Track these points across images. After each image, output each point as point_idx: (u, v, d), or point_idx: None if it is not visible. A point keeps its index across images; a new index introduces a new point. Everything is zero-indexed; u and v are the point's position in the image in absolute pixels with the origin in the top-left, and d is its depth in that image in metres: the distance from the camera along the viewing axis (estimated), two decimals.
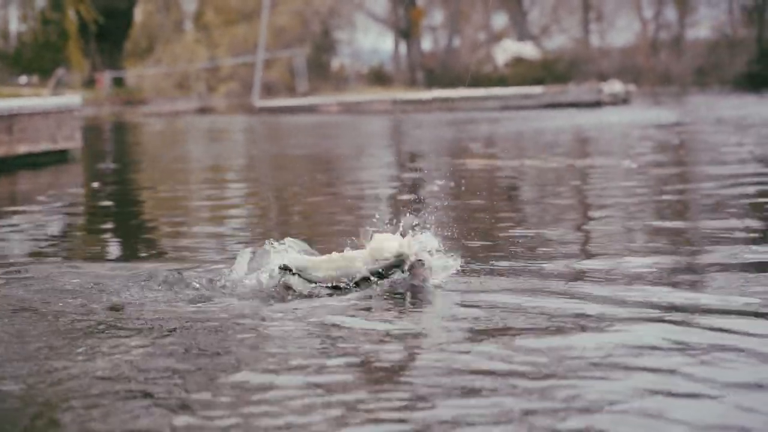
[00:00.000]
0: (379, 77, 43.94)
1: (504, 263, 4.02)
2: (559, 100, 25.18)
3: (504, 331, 2.90)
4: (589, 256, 4.27)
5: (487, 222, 5.47)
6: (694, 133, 14.25)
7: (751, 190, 6.77)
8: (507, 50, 44.24)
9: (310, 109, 27.51)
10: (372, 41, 49.41)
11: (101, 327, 3.06)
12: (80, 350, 2.80)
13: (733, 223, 5.05)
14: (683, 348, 2.68)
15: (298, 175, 9.40)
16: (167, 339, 2.90)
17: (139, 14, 43.32)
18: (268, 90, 36.31)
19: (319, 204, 6.97)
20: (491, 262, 4.02)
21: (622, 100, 26.71)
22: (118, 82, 38.88)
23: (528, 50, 44.30)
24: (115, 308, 3.32)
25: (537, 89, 27.17)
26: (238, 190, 8.14)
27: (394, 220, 3.62)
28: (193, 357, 2.69)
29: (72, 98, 12.59)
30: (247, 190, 8.15)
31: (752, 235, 4.68)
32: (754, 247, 4.26)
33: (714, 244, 4.40)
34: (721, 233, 4.69)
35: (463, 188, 7.43)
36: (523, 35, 45.96)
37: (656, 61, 42.01)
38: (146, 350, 2.78)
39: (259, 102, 30.17)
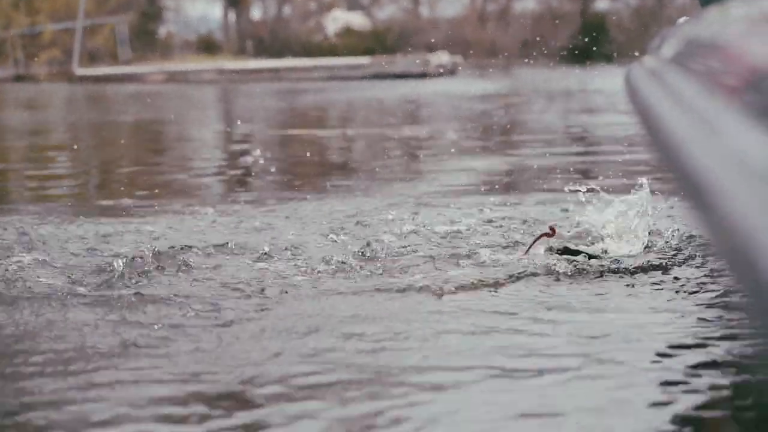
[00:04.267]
0: (207, 46, 43.18)
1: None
2: (387, 71, 25.18)
3: None
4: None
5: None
6: (514, 104, 14.41)
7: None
8: (337, 20, 44.14)
9: (134, 78, 26.80)
10: (201, 9, 48.59)
11: None
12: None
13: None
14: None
15: (114, 146, 9.03)
16: None
17: None
18: (92, 58, 35.20)
19: (137, 174, 6.67)
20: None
21: (449, 72, 26.92)
22: None
23: (358, 20, 44.30)
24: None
25: (364, 60, 27.12)
26: (51, 161, 7.74)
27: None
28: None
29: None
30: (61, 162, 7.75)
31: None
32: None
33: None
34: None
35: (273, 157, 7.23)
36: (353, 5, 45.91)
37: (484, 33, 42.60)
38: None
39: (80, 70, 29.20)
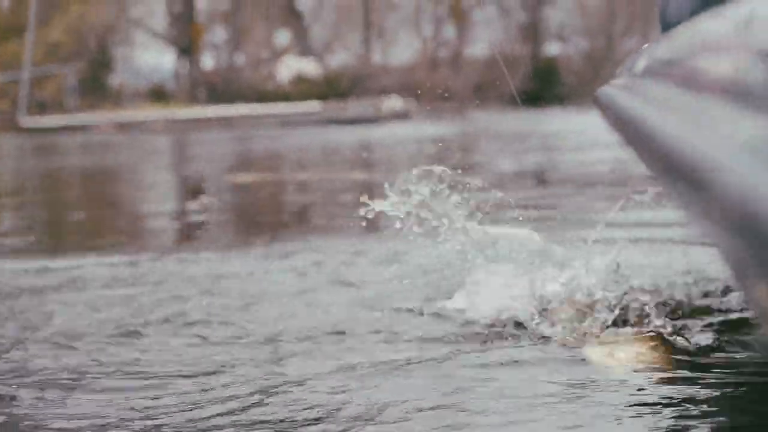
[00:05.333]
0: (159, 95, 42.95)
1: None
2: (339, 116, 25.08)
3: None
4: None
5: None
6: (467, 147, 14.32)
7: None
8: (290, 67, 44.14)
9: (84, 128, 26.47)
10: (153, 58, 48.32)
11: None
12: None
13: None
14: None
15: (61, 195, 8.79)
16: None
17: None
18: (41, 108, 34.82)
19: (85, 222, 6.44)
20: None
21: (402, 116, 26.87)
22: None
23: (311, 67, 44.32)
24: None
25: (316, 106, 27.02)
26: None
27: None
28: None
29: None
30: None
31: None
32: None
33: None
34: None
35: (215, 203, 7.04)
36: (305, 52, 45.93)
37: (436, 77, 42.73)
38: None
39: (27, 120, 28.78)
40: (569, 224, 4.78)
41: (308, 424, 2.00)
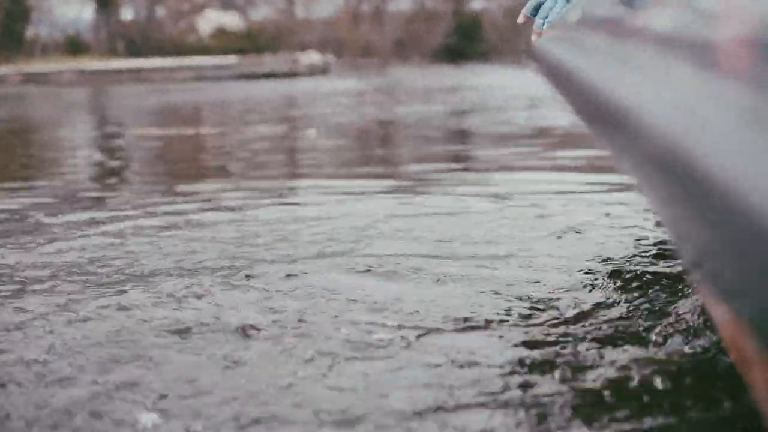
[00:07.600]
0: (76, 47, 42.03)
1: None
2: (255, 70, 24.66)
3: None
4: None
5: None
6: (377, 101, 14.14)
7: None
8: (211, 21, 43.53)
9: None
10: (72, 10, 47.24)
11: None
12: None
13: None
14: None
15: None
16: None
17: None
18: None
19: None
20: None
21: (320, 71, 26.56)
22: None
23: (233, 21, 43.73)
24: None
25: (232, 60, 26.56)
26: None
27: None
28: None
29: None
30: None
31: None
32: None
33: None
34: None
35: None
36: (227, 6, 45.30)
37: (358, 32, 42.37)
38: None
39: None
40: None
41: None
